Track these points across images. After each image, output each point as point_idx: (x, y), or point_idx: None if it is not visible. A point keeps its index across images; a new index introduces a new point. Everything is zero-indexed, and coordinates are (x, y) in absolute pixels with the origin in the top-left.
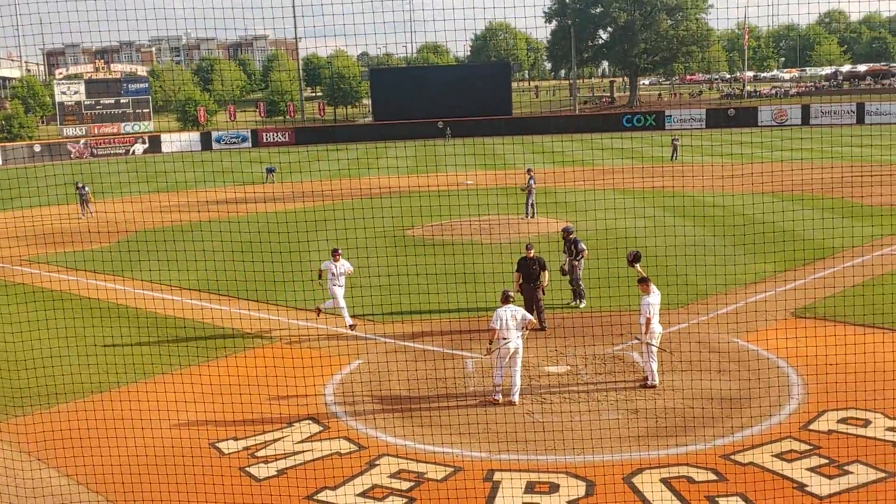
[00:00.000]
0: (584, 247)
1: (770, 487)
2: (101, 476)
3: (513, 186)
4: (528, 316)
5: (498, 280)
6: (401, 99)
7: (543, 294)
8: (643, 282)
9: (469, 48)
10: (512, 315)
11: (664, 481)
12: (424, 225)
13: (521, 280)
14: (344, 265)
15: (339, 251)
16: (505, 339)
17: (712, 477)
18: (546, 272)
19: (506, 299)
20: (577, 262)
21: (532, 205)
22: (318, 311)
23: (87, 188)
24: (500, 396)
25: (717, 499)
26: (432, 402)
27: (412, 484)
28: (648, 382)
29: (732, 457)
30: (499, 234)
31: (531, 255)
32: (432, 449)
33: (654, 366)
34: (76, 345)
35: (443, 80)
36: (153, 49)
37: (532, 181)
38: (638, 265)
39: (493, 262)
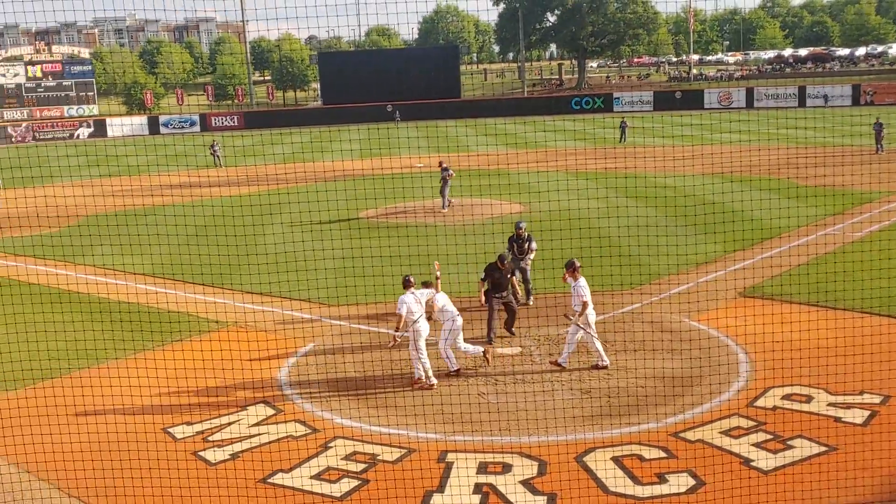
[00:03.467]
0: (536, 245)
1: (717, 463)
2: (51, 464)
3: (466, 169)
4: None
5: (452, 262)
6: (350, 82)
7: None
8: (571, 267)
9: (417, 31)
10: (416, 299)
11: (615, 460)
12: (377, 208)
13: (511, 257)
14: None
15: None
16: (415, 322)
17: (662, 455)
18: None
19: (407, 284)
20: (528, 261)
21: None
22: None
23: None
24: (434, 379)
25: (666, 476)
26: (386, 384)
27: (366, 465)
28: (599, 364)
29: (681, 434)
30: (452, 217)
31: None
32: (385, 431)
33: (599, 346)
34: (23, 331)
35: (391, 64)
36: (96, 31)
37: (447, 172)
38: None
39: (447, 245)
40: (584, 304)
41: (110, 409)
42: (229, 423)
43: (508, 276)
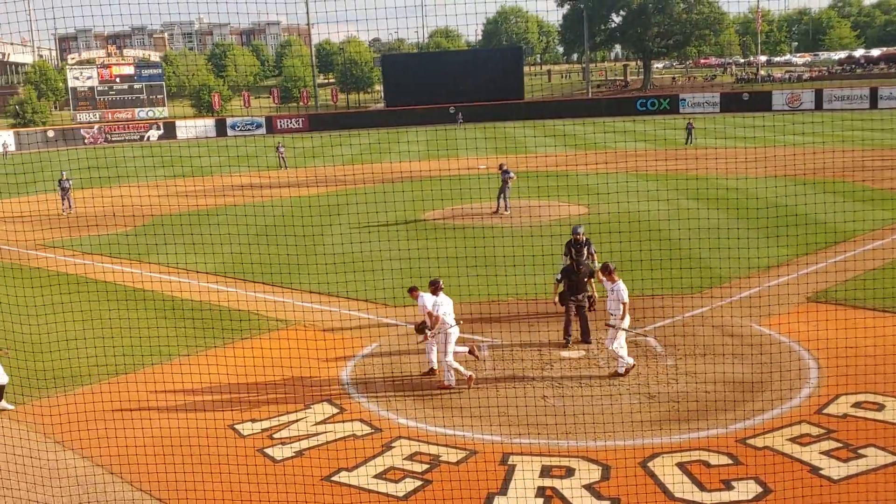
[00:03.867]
0: (595, 249)
1: (785, 471)
2: (120, 458)
3: (528, 170)
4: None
5: (518, 263)
6: (413, 84)
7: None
8: (607, 270)
9: (481, 33)
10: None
11: (680, 465)
12: (439, 209)
13: (569, 263)
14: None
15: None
16: (448, 325)
17: (728, 461)
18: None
19: (436, 288)
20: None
21: (504, 198)
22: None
23: (70, 181)
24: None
25: (732, 482)
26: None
27: (428, 466)
28: (619, 370)
29: (748, 441)
30: (515, 219)
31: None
32: (447, 432)
33: (625, 353)
34: (96, 328)
35: (455, 66)
36: (166, 34)
37: (508, 175)
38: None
39: (510, 246)
40: (624, 307)
41: (179, 404)
42: (294, 421)
43: (585, 278)
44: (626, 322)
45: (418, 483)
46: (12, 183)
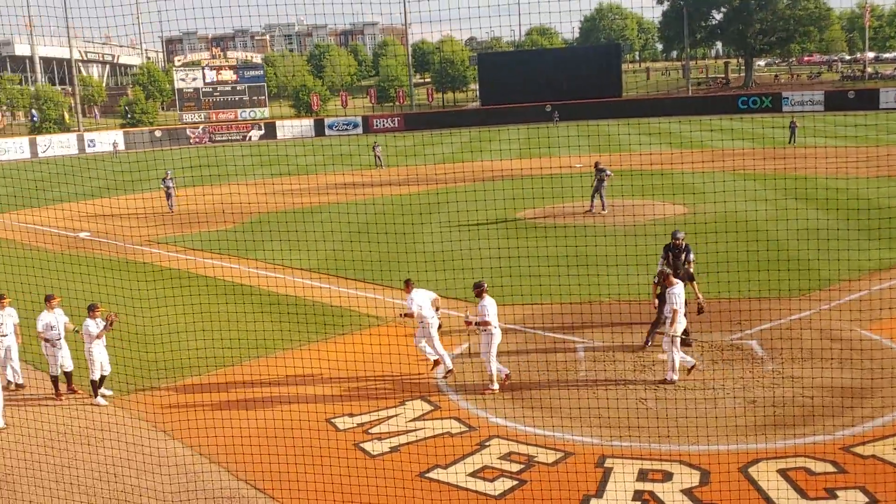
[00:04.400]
0: (694, 256)
1: (892, 480)
2: (222, 448)
3: (629, 170)
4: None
5: (615, 263)
6: (508, 83)
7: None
8: (662, 275)
9: (578, 30)
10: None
11: (781, 472)
12: (535, 208)
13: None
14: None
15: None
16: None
17: (831, 469)
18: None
19: (481, 291)
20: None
21: (600, 197)
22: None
23: (173, 181)
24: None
25: (836, 491)
26: (542, 386)
27: (523, 466)
28: (668, 378)
29: (853, 449)
30: (614, 217)
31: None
32: (543, 433)
33: (677, 360)
34: (200, 321)
35: (551, 63)
36: (267, 36)
37: (605, 173)
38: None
39: (606, 246)
40: (675, 313)
41: (278, 397)
42: (389, 417)
43: (685, 281)
44: (680, 328)
45: (513, 483)
46: (123, 181)
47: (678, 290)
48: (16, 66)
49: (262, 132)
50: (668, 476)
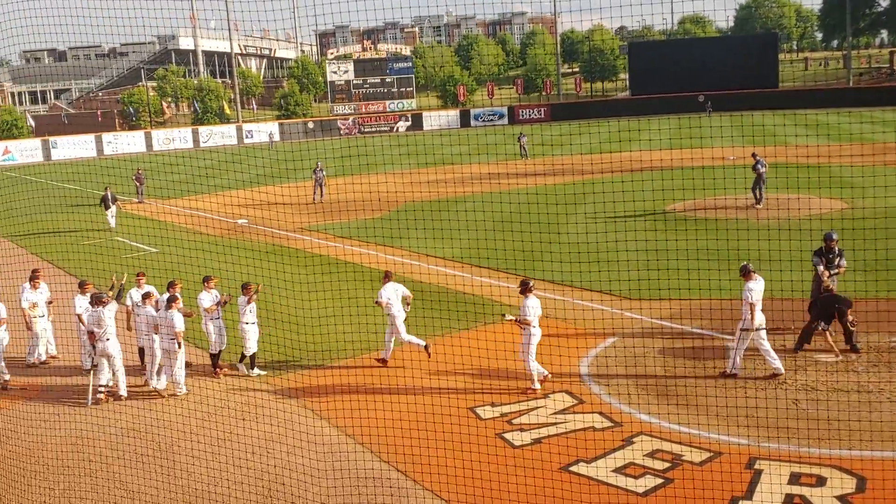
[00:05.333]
0: (846, 263)
1: None
2: (367, 430)
3: (783, 162)
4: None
5: (767, 259)
6: (660, 72)
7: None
8: (744, 271)
9: (733, 19)
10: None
11: None
12: (685, 201)
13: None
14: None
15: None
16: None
17: None
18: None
19: (527, 289)
20: (834, 280)
21: (760, 190)
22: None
23: (323, 171)
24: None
25: None
26: (689, 383)
27: (669, 465)
28: (727, 371)
29: None
30: (768, 211)
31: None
32: (691, 431)
33: (739, 357)
34: (347, 306)
35: (704, 53)
36: (416, 29)
37: (761, 164)
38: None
39: (758, 240)
40: (751, 308)
41: (422, 383)
42: (532, 409)
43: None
44: (758, 322)
45: (659, 481)
46: (279, 170)
47: (753, 285)
48: (180, 59)
49: (409, 123)
50: (821, 481)
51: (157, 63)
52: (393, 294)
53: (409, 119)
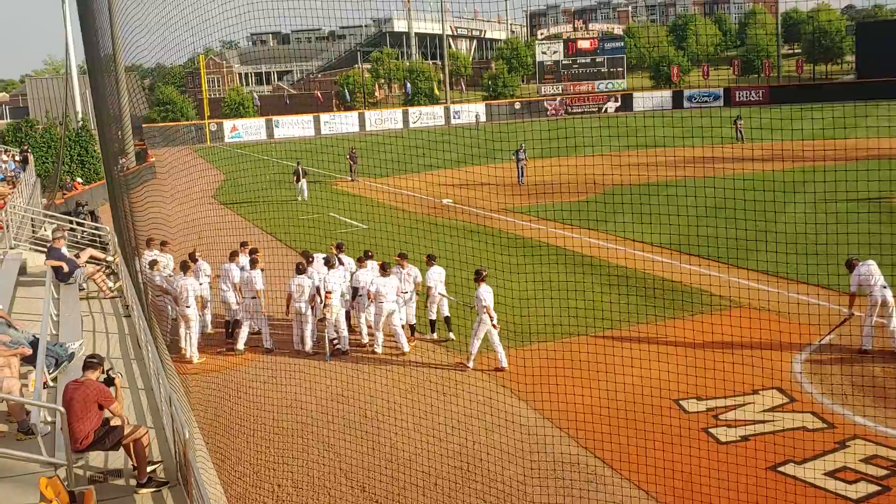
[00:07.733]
0: None
1: None
2: (565, 414)
3: None
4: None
5: None
6: (891, 54)
7: None
8: (848, 265)
9: None
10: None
11: None
12: None
13: None
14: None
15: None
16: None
17: None
18: None
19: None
20: None
21: None
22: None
23: (525, 152)
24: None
25: None
26: None
27: (887, 472)
28: (863, 346)
29: None
30: None
31: None
32: None
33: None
34: (549, 289)
35: None
36: (629, 7)
37: None
38: None
39: None
40: (851, 298)
41: (624, 371)
42: (740, 405)
43: None
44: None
45: (875, 488)
46: (484, 150)
47: (861, 269)
48: (394, 41)
49: (619, 104)
50: None
51: (372, 46)
52: (438, 279)
53: (619, 100)
